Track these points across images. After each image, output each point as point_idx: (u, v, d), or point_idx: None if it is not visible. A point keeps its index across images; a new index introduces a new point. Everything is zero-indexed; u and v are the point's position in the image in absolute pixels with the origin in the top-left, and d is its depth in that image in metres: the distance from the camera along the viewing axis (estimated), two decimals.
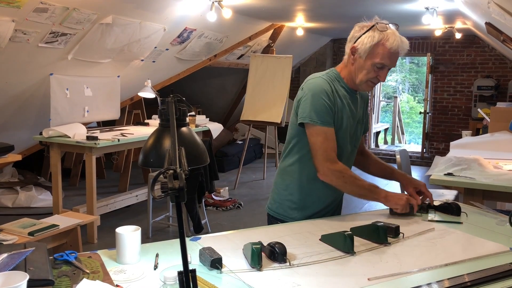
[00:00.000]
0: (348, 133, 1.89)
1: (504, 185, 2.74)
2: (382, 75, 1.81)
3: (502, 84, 7.62)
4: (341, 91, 1.87)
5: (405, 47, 1.80)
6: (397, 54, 1.79)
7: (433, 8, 5.09)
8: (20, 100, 4.71)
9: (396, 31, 1.80)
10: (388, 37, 1.76)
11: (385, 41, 1.75)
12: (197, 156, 1.19)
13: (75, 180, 6.21)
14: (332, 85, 1.84)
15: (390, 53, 1.77)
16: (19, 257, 1.20)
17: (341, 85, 1.88)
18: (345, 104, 1.86)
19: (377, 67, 1.79)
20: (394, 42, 1.76)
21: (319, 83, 1.83)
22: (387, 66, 1.80)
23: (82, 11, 3.95)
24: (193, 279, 1.00)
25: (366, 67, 1.80)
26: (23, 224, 3.17)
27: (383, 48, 1.76)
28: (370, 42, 1.76)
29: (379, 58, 1.77)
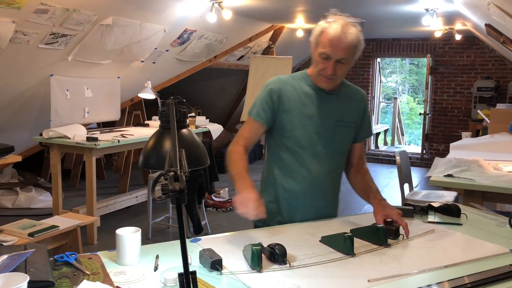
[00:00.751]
0: (310, 132, 1.80)
1: (504, 186, 2.74)
2: (328, 66, 1.72)
3: (502, 85, 7.62)
4: (304, 89, 1.83)
5: (351, 38, 1.68)
6: (339, 43, 1.68)
7: (433, 10, 5.09)
8: (20, 101, 4.71)
9: (346, 22, 1.71)
10: (330, 25, 1.70)
11: (326, 29, 1.71)
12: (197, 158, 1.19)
13: (75, 181, 6.21)
14: (290, 83, 1.83)
15: (329, 41, 1.68)
16: (19, 259, 1.20)
17: (307, 83, 1.84)
18: (306, 102, 1.81)
19: (322, 58, 1.72)
20: (333, 30, 1.68)
21: (270, 81, 1.85)
22: (330, 56, 1.70)
23: (82, 12, 3.95)
24: (193, 281, 1.00)
25: (316, 58, 1.76)
26: (23, 225, 3.16)
27: (324, 36, 1.70)
28: (316, 31, 1.75)
29: (322, 46, 1.71)
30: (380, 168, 8.36)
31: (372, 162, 8.88)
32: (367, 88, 8.85)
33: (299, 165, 1.82)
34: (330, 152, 1.84)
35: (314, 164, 1.82)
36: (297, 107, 1.80)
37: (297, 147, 1.81)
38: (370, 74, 8.84)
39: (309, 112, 1.81)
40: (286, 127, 1.81)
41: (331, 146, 1.84)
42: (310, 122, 1.80)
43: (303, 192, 1.83)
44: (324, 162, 1.83)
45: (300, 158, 1.82)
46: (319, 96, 1.82)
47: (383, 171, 8.10)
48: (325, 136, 1.82)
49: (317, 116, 1.81)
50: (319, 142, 1.82)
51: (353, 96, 1.92)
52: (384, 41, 8.61)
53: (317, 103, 1.82)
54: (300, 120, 1.80)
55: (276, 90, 1.81)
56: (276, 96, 1.80)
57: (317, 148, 1.82)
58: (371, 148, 9.15)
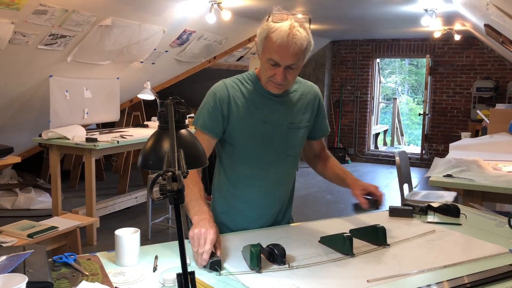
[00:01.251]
0: (262, 140, 1.68)
1: (503, 186, 2.74)
2: (278, 73, 1.56)
3: (501, 85, 7.63)
4: (252, 93, 1.68)
5: (298, 41, 1.51)
6: (287, 48, 1.51)
7: (432, 10, 5.10)
8: (19, 102, 4.71)
9: (292, 24, 1.52)
10: (275, 28, 1.52)
11: (271, 33, 1.52)
12: (196, 158, 1.19)
13: (74, 182, 6.21)
14: (237, 88, 1.68)
15: (277, 47, 1.51)
16: (18, 260, 1.19)
17: (255, 86, 1.69)
18: (256, 108, 1.67)
19: (270, 64, 1.56)
20: (279, 35, 1.50)
21: (215, 88, 1.70)
22: (279, 63, 1.54)
23: (82, 13, 3.95)
24: (192, 281, 1.00)
25: (263, 64, 1.60)
26: (22, 226, 3.16)
27: (270, 41, 1.53)
28: (261, 35, 1.57)
29: (269, 53, 1.54)
30: (380, 169, 8.36)
31: (372, 162, 8.89)
32: (367, 89, 8.86)
33: (252, 175, 1.71)
34: (283, 157, 1.73)
35: (267, 171, 1.72)
36: (247, 114, 1.66)
37: (249, 156, 1.70)
38: (369, 75, 8.84)
39: (259, 118, 1.67)
40: (236, 136, 1.68)
41: (285, 151, 1.73)
42: (261, 128, 1.67)
43: (258, 202, 1.74)
44: (278, 168, 1.73)
45: (253, 167, 1.70)
46: (269, 100, 1.69)
47: (383, 172, 8.10)
48: (278, 141, 1.71)
49: (268, 122, 1.68)
50: (272, 148, 1.70)
51: (306, 93, 1.78)
52: (383, 42, 8.61)
53: (267, 108, 1.68)
54: (251, 127, 1.67)
55: (224, 97, 1.66)
56: (224, 105, 1.65)
57: (270, 154, 1.70)
58: (370, 149, 9.16)
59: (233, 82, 1.71)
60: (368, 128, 9.02)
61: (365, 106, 8.94)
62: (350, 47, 8.87)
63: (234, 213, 1.77)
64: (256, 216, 1.76)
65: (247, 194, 1.74)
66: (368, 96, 8.90)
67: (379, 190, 1.74)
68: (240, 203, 1.76)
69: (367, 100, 8.91)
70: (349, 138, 9.05)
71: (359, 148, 9.04)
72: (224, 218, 1.78)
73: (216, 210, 1.82)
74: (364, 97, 8.92)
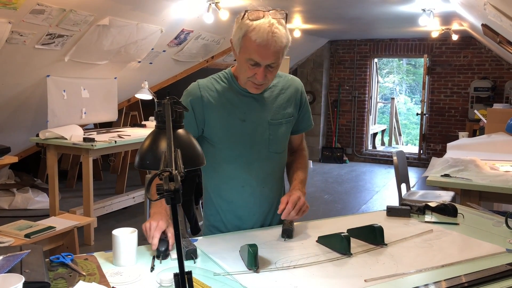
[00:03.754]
0: (241, 138, 1.65)
1: (500, 186, 2.75)
2: (258, 73, 1.52)
3: (499, 85, 7.64)
4: (228, 91, 1.65)
5: (279, 40, 1.48)
6: (267, 48, 1.48)
7: (429, 10, 5.10)
8: (16, 101, 4.70)
9: (270, 21, 1.49)
10: (253, 27, 1.48)
11: (249, 33, 1.48)
12: (193, 158, 1.19)
13: (71, 182, 6.20)
14: (212, 88, 1.65)
15: (256, 47, 1.48)
16: (15, 260, 1.19)
17: (231, 85, 1.66)
18: (233, 106, 1.64)
19: (250, 64, 1.52)
20: (259, 34, 1.46)
21: (188, 90, 1.67)
22: (260, 63, 1.51)
23: (79, 13, 3.95)
24: (189, 281, 1.00)
25: (242, 64, 1.55)
26: (20, 226, 3.16)
27: (249, 41, 1.49)
28: (238, 34, 1.52)
29: (248, 53, 1.50)
30: (378, 168, 8.38)
31: (370, 162, 8.90)
32: (365, 89, 8.87)
33: (235, 174, 1.68)
34: (266, 154, 1.70)
35: (250, 170, 1.68)
36: (224, 113, 1.63)
37: (230, 155, 1.66)
38: (367, 75, 8.85)
39: (238, 117, 1.64)
40: (215, 137, 1.66)
41: (267, 148, 1.69)
42: (240, 128, 1.64)
43: (244, 202, 1.71)
44: (262, 166, 1.70)
45: (235, 167, 1.67)
46: (247, 98, 1.65)
47: (381, 171, 8.11)
48: (259, 139, 1.67)
49: (248, 120, 1.65)
50: (254, 146, 1.67)
51: (286, 88, 1.73)
52: (381, 42, 8.62)
53: (245, 106, 1.65)
54: (229, 127, 1.64)
55: (198, 99, 1.63)
56: (199, 106, 1.62)
57: (251, 153, 1.67)
58: (368, 148, 9.17)
59: (208, 81, 1.68)
60: (366, 127, 9.03)
61: (363, 106, 8.95)
62: (348, 47, 8.88)
63: (222, 214, 1.75)
64: (244, 217, 1.73)
65: (232, 194, 1.71)
66: (366, 96, 8.91)
67: (290, 199, 1.60)
68: (225, 204, 1.73)
69: (365, 100, 8.92)
70: (347, 138, 9.06)
71: (357, 148, 9.05)
72: (213, 220, 1.77)
73: (206, 212, 1.81)
74: (362, 97, 8.93)
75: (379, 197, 6.23)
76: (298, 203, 1.60)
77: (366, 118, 8.99)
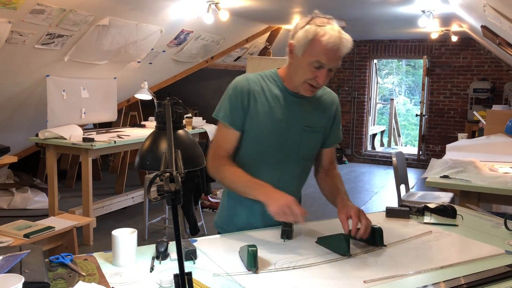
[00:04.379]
0: (275, 137, 1.68)
1: (499, 187, 2.75)
2: (320, 76, 1.59)
3: (498, 87, 7.65)
4: (273, 90, 1.70)
5: (346, 45, 1.58)
6: (336, 52, 1.56)
7: (429, 11, 5.11)
8: (16, 101, 4.70)
9: (338, 27, 1.58)
10: (325, 32, 1.55)
11: (321, 37, 1.55)
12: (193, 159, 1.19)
13: (71, 181, 6.20)
14: (258, 83, 1.70)
15: (326, 50, 1.54)
16: (15, 260, 1.19)
17: (277, 85, 1.71)
18: (274, 105, 1.68)
19: (314, 67, 1.57)
20: (332, 38, 1.54)
21: (237, 80, 1.71)
22: (325, 65, 1.57)
23: (79, 13, 3.95)
24: (189, 282, 1.00)
25: (303, 66, 1.59)
26: (19, 226, 3.15)
27: (318, 44, 1.55)
28: (306, 37, 1.57)
29: (315, 55, 1.56)
30: (377, 169, 8.38)
31: (369, 163, 8.90)
32: (364, 89, 8.88)
33: (260, 172, 1.69)
34: (295, 158, 1.73)
35: (276, 170, 1.72)
36: (264, 110, 1.67)
37: (260, 153, 1.70)
38: (366, 75, 8.86)
39: (276, 116, 1.68)
40: (250, 132, 1.69)
41: (297, 153, 1.73)
42: (276, 127, 1.68)
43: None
44: (287, 168, 1.73)
45: (262, 164, 1.71)
46: (288, 100, 1.70)
47: (380, 172, 8.11)
48: (291, 142, 1.71)
49: (284, 121, 1.68)
50: (284, 148, 1.70)
51: (325, 99, 1.79)
52: (380, 43, 8.63)
53: (285, 107, 1.69)
54: (266, 125, 1.67)
55: (246, 91, 1.67)
56: (245, 98, 1.67)
57: (281, 154, 1.71)
58: (367, 149, 9.17)
59: (255, 77, 1.73)
60: (365, 128, 9.03)
61: (362, 107, 8.95)
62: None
63: (241, 207, 1.77)
64: (259, 211, 1.72)
65: None
66: (365, 96, 8.91)
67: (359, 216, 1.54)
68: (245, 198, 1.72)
69: (364, 101, 8.93)
70: (346, 138, 9.06)
71: (356, 149, 9.05)
72: (232, 212, 1.79)
73: (224, 204, 1.83)
74: (361, 97, 8.93)
75: (378, 198, 6.23)
76: (362, 215, 1.55)
77: (365, 119, 8.99)
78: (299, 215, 1.50)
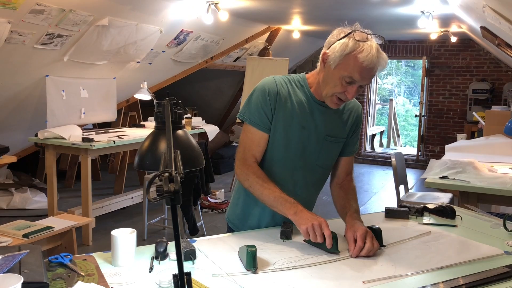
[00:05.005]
0: (295, 144, 1.67)
1: (498, 188, 2.75)
2: (350, 91, 1.56)
3: (497, 87, 7.66)
4: (299, 96, 1.68)
5: (382, 64, 1.54)
6: (370, 70, 1.52)
7: (428, 12, 5.11)
8: (15, 101, 4.69)
9: (376, 45, 1.54)
10: (363, 48, 1.51)
11: (358, 53, 1.51)
12: (192, 159, 1.19)
13: (70, 182, 6.20)
14: (285, 87, 1.68)
15: (361, 68, 1.51)
16: (14, 260, 1.19)
17: (304, 90, 1.69)
18: (299, 111, 1.66)
19: (345, 81, 1.55)
20: (368, 56, 1.50)
21: (265, 82, 1.69)
22: (356, 82, 1.54)
23: (78, 13, 3.95)
24: (188, 282, 1.00)
25: (334, 79, 1.57)
26: (18, 226, 3.15)
27: (354, 60, 1.51)
28: (342, 51, 1.53)
29: (348, 71, 1.52)
30: (376, 170, 8.38)
31: (368, 163, 8.91)
32: (363, 90, 8.88)
33: (277, 176, 1.69)
34: (312, 166, 1.72)
35: (293, 176, 1.71)
36: (288, 114, 1.66)
37: (279, 157, 1.69)
38: None
39: (299, 123, 1.66)
40: (272, 135, 1.67)
41: (315, 161, 1.72)
42: (298, 133, 1.66)
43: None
44: (305, 175, 1.72)
45: (279, 169, 1.70)
46: (313, 107, 1.68)
47: (379, 173, 8.12)
48: (311, 150, 1.69)
49: (307, 129, 1.67)
50: (303, 155, 1.69)
51: (350, 109, 1.77)
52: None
53: (309, 115, 1.67)
54: (289, 130, 1.66)
55: (275, 92, 1.66)
56: (273, 99, 1.65)
57: (299, 161, 1.70)
58: (367, 150, 9.18)
59: (283, 80, 1.71)
60: (364, 129, 9.04)
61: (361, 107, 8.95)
62: None
63: (254, 207, 1.76)
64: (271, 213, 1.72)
65: None
66: (364, 97, 8.92)
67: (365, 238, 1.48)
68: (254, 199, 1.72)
69: (364, 101, 8.93)
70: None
71: None
72: (247, 211, 1.78)
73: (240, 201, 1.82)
74: (360, 98, 8.93)
75: (377, 199, 6.23)
76: (368, 237, 1.49)
77: (364, 120, 9.00)
78: (328, 237, 1.46)
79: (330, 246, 1.46)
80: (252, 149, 1.68)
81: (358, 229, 1.50)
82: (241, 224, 1.81)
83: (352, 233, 1.51)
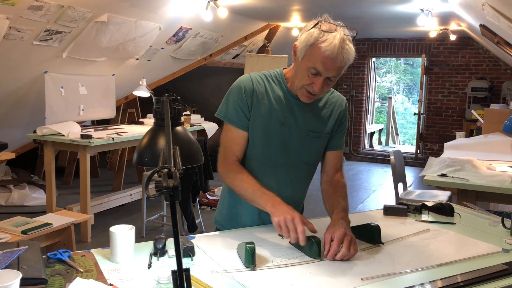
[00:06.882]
0: (275, 140, 1.65)
1: (497, 186, 2.76)
2: (317, 83, 1.51)
3: (496, 86, 7.66)
4: (276, 92, 1.66)
5: (346, 56, 1.48)
6: (333, 61, 1.47)
7: (428, 10, 5.11)
8: (14, 98, 4.69)
9: (342, 36, 1.47)
10: (326, 38, 1.46)
11: (320, 43, 1.46)
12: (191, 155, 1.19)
13: (69, 178, 6.19)
14: (262, 83, 1.66)
15: (324, 58, 1.46)
16: (12, 256, 1.19)
17: (281, 86, 1.67)
18: (277, 107, 1.64)
19: (311, 73, 1.51)
20: (330, 46, 1.45)
21: (241, 80, 1.67)
22: (321, 73, 1.49)
23: (77, 9, 3.94)
24: (187, 278, 1.00)
25: (302, 70, 1.53)
26: (16, 222, 3.15)
27: (317, 50, 1.47)
28: (307, 41, 1.49)
29: (312, 61, 1.49)
30: (375, 168, 8.39)
31: (367, 161, 8.92)
32: (362, 88, 8.89)
33: (260, 175, 1.66)
34: (296, 162, 1.69)
35: (276, 174, 1.68)
36: (266, 111, 1.63)
37: (260, 155, 1.67)
38: (365, 74, 8.86)
39: (278, 119, 1.63)
40: (251, 133, 1.65)
41: (298, 157, 1.69)
42: (277, 130, 1.64)
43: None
44: (288, 173, 1.69)
45: (262, 168, 1.68)
46: (291, 102, 1.65)
47: (378, 171, 8.13)
48: (292, 146, 1.66)
49: (286, 125, 1.64)
50: (285, 152, 1.66)
51: (332, 104, 1.73)
52: (379, 41, 8.63)
53: (288, 110, 1.64)
54: (268, 126, 1.63)
55: (251, 90, 1.63)
56: (250, 96, 1.63)
57: (281, 158, 1.67)
58: (365, 148, 9.18)
59: (259, 76, 1.69)
60: (363, 127, 9.04)
61: (360, 105, 8.96)
62: None
63: (241, 208, 1.74)
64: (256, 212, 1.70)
65: None
66: (363, 95, 8.92)
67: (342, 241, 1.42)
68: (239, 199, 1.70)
69: (363, 99, 8.94)
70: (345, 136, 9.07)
71: (354, 147, 9.06)
72: (232, 211, 1.78)
73: (225, 202, 1.81)
74: (359, 96, 8.94)
75: (376, 196, 6.24)
76: (346, 240, 1.42)
77: (363, 118, 9.00)
78: (300, 233, 1.39)
79: (303, 243, 1.39)
80: (232, 147, 1.66)
81: (337, 230, 1.44)
82: (228, 225, 1.79)
83: (329, 234, 1.45)
